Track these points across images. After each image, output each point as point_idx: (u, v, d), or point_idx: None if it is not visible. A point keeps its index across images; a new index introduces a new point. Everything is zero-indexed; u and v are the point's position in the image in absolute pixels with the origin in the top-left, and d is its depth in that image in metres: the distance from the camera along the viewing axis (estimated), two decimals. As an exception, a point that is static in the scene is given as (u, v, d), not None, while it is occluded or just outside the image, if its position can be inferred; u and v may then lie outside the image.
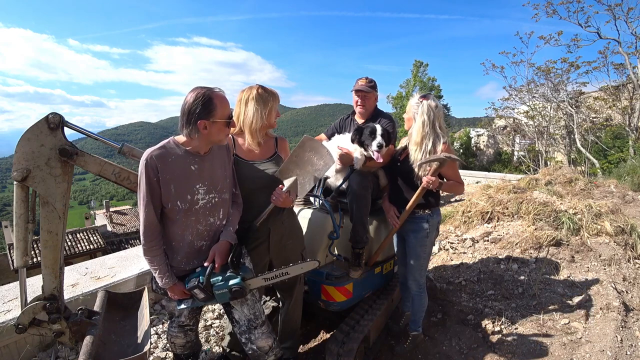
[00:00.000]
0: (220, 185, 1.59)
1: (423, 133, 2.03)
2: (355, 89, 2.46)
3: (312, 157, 1.75)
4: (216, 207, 1.59)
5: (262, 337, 1.71)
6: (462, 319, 2.76)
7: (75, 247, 16.69)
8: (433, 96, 2.13)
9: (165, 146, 1.47)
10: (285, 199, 1.74)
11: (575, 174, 6.50)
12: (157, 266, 1.51)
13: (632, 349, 2.22)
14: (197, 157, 1.51)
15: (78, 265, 3.03)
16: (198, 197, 1.51)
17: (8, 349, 2.14)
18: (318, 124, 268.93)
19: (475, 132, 22.45)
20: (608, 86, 12.47)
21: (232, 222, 1.67)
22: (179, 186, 1.47)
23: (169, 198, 1.46)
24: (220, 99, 1.44)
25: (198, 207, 1.52)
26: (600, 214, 3.80)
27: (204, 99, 1.40)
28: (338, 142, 2.31)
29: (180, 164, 1.47)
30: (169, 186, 1.45)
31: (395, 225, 2.22)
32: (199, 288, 1.49)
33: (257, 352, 1.73)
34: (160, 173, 1.43)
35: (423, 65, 24.32)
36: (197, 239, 1.57)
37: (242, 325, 1.70)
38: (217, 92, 1.44)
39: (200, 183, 1.52)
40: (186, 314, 1.80)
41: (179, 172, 1.47)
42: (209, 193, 1.55)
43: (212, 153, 1.58)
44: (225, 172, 1.64)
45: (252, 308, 1.70)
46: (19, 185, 1.39)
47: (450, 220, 4.49)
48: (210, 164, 1.56)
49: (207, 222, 1.57)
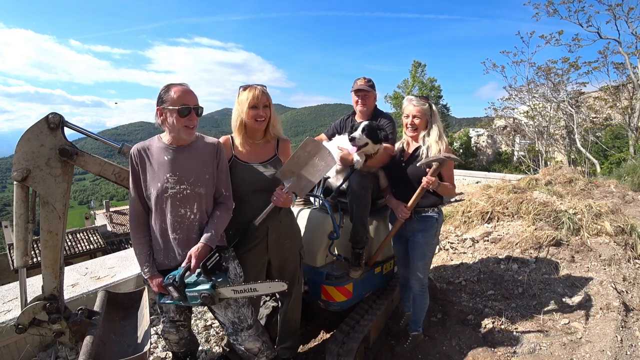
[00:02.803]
0: (194, 178, 1.60)
1: (441, 130, 2.15)
2: (355, 88, 2.46)
3: (313, 159, 1.75)
4: (187, 199, 1.59)
5: (248, 340, 1.75)
6: (462, 319, 2.76)
7: (75, 247, 16.68)
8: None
9: (151, 139, 1.64)
10: (286, 199, 1.75)
11: (575, 174, 6.50)
12: (139, 254, 1.62)
13: (632, 349, 2.22)
14: (172, 149, 1.60)
15: (78, 265, 3.04)
16: (167, 186, 1.56)
17: (8, 349, 2.15)
18: (318, 124, 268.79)
19: (475, 132, 22.42)
20: (608, 86, 12.46)
21: (216, 225, 1.65)
22: (152, 174, 1.57)
23: (146, 185, 1.58)
24: (179, 89, 1.53)
25: (167, 195, 1.57)
26: (600, 214, 3.80)
27: (164, 89, 1.53)
28: (338, 143, 2.31)
29: (156, 154, 1.59)
30: (146, 174, 1.58)
31: (403, 218, 2.19)
32: (173, 286, 1.51)
33: (246, 354, 1.78)
34: (139, 163, 1.58)
35: (421, 66, 24.28)
36: (170, 229, 1.60)
37: (227, 328, 1.76)
38: (180, 85, 1.54)
39: (171, 173, 1.57)
40: (174, 308, 1.80)
41: (154, 162, 1.58)
42: (180, 184, 1.58)
43: (194, 148, 1.63)
44: (206, 168, 1.64)
45: (237, 312, 1.73)
46: (19, 185, 1.39)
47: (450, 220, 4.48)
48: (186, 157, 1.61)
49: (178, 212, 1.59)
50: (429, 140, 2.13)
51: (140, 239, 1.63)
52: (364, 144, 2.13)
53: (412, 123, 2.16)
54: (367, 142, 2.13)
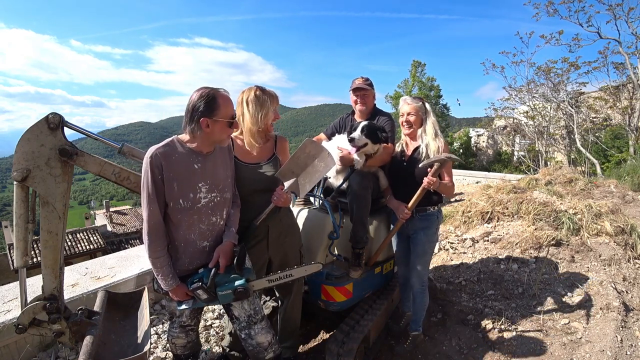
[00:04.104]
0: (222, 184, 1.60)
1: (436, 128, 2.21)
2: (353, 87, 2.47)
3: (313, 160, 1.75)
4: (218, 206, 1.59)
5: (261, 333, 1.72)
6: (462, 319, 2.76)
7: (75, 247, 16.69)
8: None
9: (169, 144, 1.48)
10: (286, 199, 1.76)
11: (575, 174, 6.50)
12: (161, 267, 1.50)
13: (632, 349, 2.22)
14: (200, 156, 1.52)
15: (78, 265, 3.03)
16: (200, 196, 1.52)
17: (8, 349, 2.14)
18: (318, 124, 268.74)
19: (475, 132, 22.43)
20: (608, 86, 12.47)
21: (233, 222, 1.69)
22: (182, 184, 1.47)
23: (172, 196, 1.46)
24: (224, 99, 1.46)
25: (200, 205, 1.52)
26: (600, 214, 3.80)
27: (208, 98, 1.43)
28: (338, 143, 2.31)
29: (184, 162, 1.48)
30: (172, 184, 1.45)
31: (404, 219, 2.20)
32: (202, 289, 1.49)
33: (257, 348, 1.74)
34: (164, 171, 1.43)
35: (421, 65, 24.29)
36: (199, 238, 1.57)
37: (242, 322, 1.71)
38: (222, 92, 1.47)
39: (203, 182, 1.52)
40: (187, 314, 1.80)
41: (182, 170, 1.47)
42: (211, 192, 1.55)
43: (215, 153, 1.59)
44: (227, 172, 1.65)
45: (252, 304, 1.71)
46: (19, 185, 1.39)
47: (450, 220, 4.48)
48: (212, 164, 1.57)
49: (210, 221, 1.58)
50: (426, 138, 2.18)
51: (161, 250, 1.50)
52: (364, 144, 2.13)
53: (407, 120, 2.24)
54: (366, 143, 2.13)
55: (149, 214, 1.44)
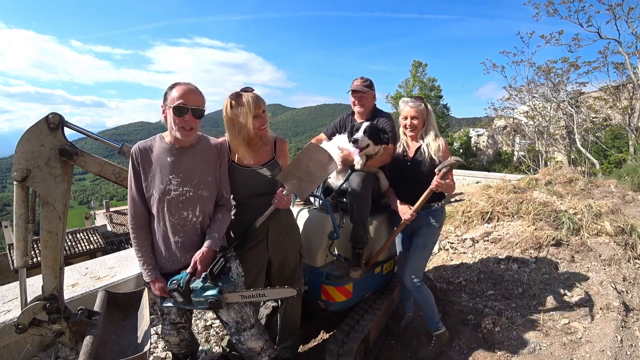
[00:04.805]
0: (197, 180, 1.59)
1: (435, 127, 2.25)
2: (351, 89, 2.47)
3: (315, 163, 1.74)
4: (190, 201, 1.58)
5: (251, 339, 1.74)
6: (462, 319, 2.76)
7: (75, 247, 16.68)
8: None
9: (152, 139, 1.59)
10: (287, 202, 1.76)
11: (575, 174, 6.50)
12: (142, 257, 1.59)
13: (632, 349, 2.22)
14: (175, 150, 1.56)
15: (78, 265, 3.03)
16: (170, 188, 1.54)
17: (8, 349, 2.14)
18: (318, 124, 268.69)
19: (475, 132, 22.44)
20: (608, 86, 12.48)
21: (219, 228, 1.64)
22: (155, 175, 1.54)
23: (146, 187, 1.55)
24: (181, 88, 1.48)
25: (170, 197, 1.54)
26: (600, 214, 3.79)
27: (169, 87, 1.51)
28: (338, 143, 2.31)
29: (158, 155, 1.55)
30: (147, 175, 1.54)
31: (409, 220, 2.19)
32: (178, 291, 1.49)
33: (249, 353, 1.77)
34: (140, 163, 1.53)
35: (422, 66, 24.28)
36: (172, 232, 1.58)
37: (231, 327, 1.74)
38: (185, 84, 1.50)
39: (174, 174, 1.54)
40: (175, 311, 1.78)
41: (156, 163, 1.54)
42: (183, 186, 1.56)
43: (197, 149, 1.60)
44: (209, 170, 1.63)
45: (239, 312, 1.72)
46: (19, 185, 1.39)
47: (450, 220, 4.48)
48: (191, 159, 1.58)
49: (180, 215, 1.57)
50: (427, 139, 2.20)
51: (142, 241, 1.59)
52: (366, 146, 2.13)
53: (411, 124, 2.22)
54: (368, 144, 2.14)
55: (130, 203, 1.56)
